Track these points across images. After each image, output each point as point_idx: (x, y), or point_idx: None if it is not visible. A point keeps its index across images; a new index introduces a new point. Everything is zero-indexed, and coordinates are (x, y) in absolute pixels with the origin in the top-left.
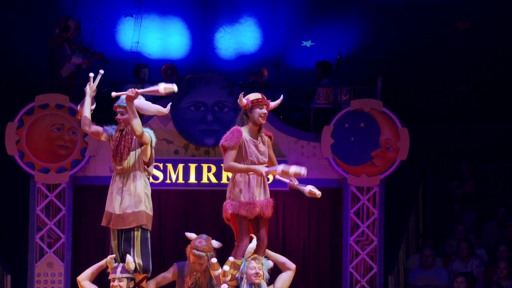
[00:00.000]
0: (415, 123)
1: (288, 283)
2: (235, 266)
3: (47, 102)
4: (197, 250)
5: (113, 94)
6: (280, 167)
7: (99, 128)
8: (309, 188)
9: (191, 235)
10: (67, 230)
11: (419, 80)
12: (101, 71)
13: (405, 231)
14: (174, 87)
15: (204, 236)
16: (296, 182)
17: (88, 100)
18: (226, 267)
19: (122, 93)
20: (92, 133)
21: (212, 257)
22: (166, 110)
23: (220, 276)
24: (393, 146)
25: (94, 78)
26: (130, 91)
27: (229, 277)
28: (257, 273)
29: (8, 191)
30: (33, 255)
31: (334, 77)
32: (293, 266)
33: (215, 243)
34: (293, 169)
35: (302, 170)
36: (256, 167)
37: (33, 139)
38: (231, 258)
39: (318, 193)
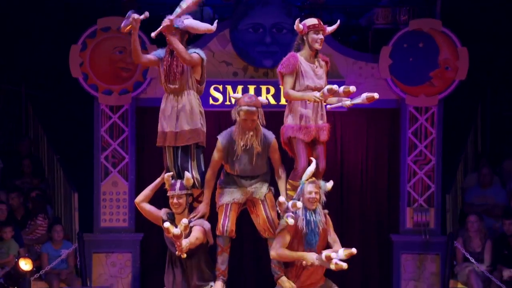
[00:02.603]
0: (474, 42)
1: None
2: (293, 187)
3: (109, 25)
4: (249, 106)
5: (152, 34)
6: (327, 88)
7: (150, 56)
8: (365, 96)
9: (236, 95)
10: (130, 150)
11: None
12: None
13: (464, 150)
14: None
15: (250, 93)
16: (348, 101)
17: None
18: (281, 198)
19: (159, 29)
20: (145, 63)
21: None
22: (213, 27)
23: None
24: (452, 66)
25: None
26: (166, 21)
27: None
28: (313, 198)
29: (73, 113)
30: (98, 174)
31: None
32: None
33: (262, 99)
34: (342, 87)
35: (351, 88)
36: (309, 95)
37: (96, 62)
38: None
39: (375, 94)
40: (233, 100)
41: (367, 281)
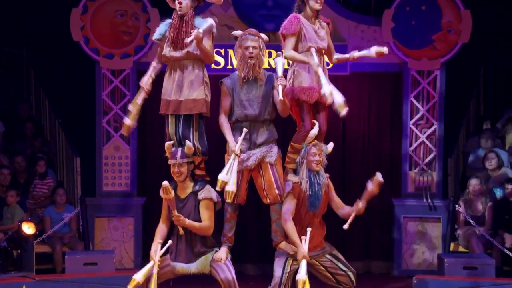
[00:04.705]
0: (477, 5)
1: None
2: (295, 150)
3: None
4: (250, 34)
5: (187, 41)
6: (335, 56)
7: (160, 46)
8: (374, 50)
9: (237, 32)
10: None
11: None
12: None
13: (466, 114)
14: None
15: None
16: (356, 53)
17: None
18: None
19: (190, 38)
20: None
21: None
22: None
23: None
24: (454, 29)
25: None
26: (197, 34)
27: None
28: (317, 160)
29: (74, 76)
30: (100, 138)
31: None
32: None
33: (263, 35)
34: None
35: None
36: (311, 61)
37: (97, 25)
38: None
39: (385, 49)
40: (235, 64)
41: (368, 245)
